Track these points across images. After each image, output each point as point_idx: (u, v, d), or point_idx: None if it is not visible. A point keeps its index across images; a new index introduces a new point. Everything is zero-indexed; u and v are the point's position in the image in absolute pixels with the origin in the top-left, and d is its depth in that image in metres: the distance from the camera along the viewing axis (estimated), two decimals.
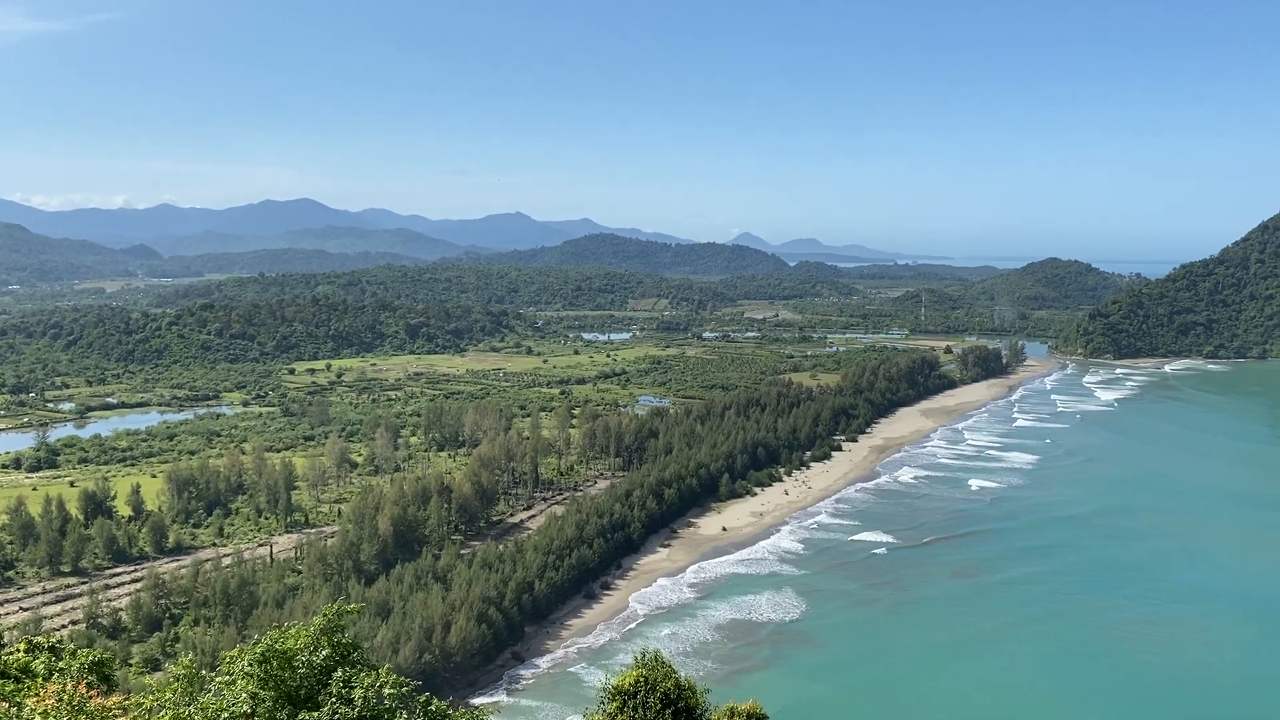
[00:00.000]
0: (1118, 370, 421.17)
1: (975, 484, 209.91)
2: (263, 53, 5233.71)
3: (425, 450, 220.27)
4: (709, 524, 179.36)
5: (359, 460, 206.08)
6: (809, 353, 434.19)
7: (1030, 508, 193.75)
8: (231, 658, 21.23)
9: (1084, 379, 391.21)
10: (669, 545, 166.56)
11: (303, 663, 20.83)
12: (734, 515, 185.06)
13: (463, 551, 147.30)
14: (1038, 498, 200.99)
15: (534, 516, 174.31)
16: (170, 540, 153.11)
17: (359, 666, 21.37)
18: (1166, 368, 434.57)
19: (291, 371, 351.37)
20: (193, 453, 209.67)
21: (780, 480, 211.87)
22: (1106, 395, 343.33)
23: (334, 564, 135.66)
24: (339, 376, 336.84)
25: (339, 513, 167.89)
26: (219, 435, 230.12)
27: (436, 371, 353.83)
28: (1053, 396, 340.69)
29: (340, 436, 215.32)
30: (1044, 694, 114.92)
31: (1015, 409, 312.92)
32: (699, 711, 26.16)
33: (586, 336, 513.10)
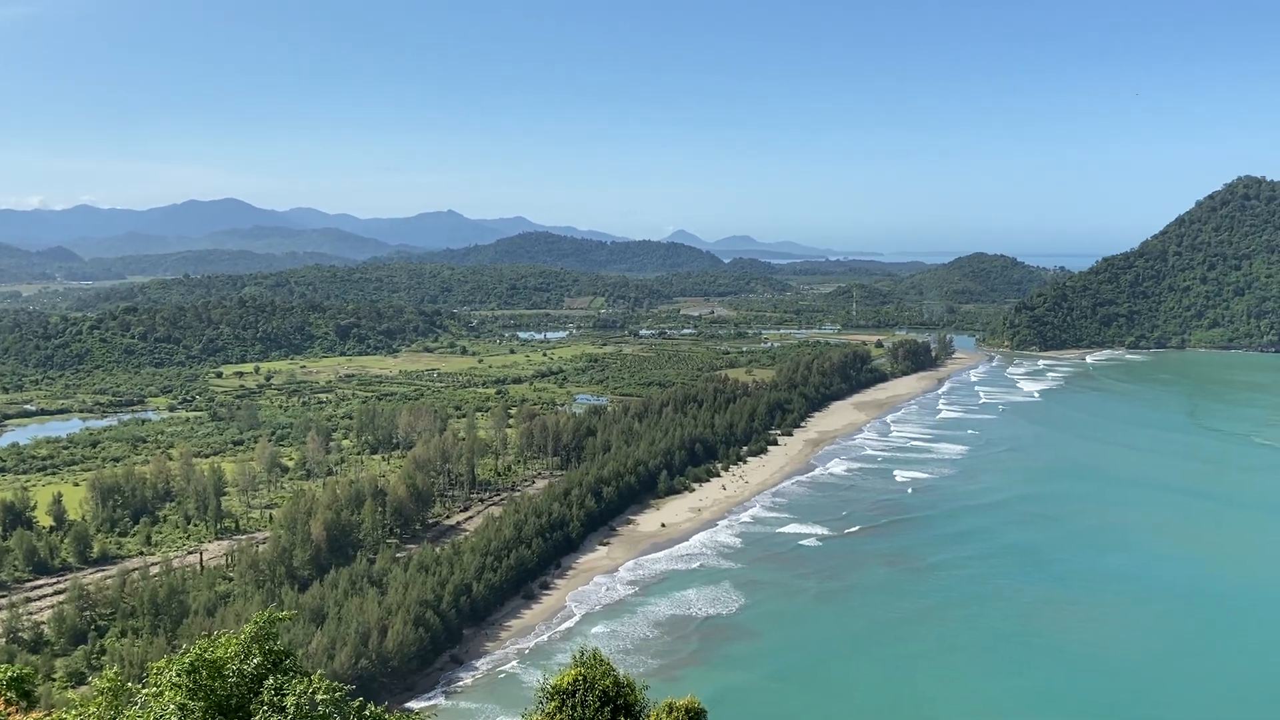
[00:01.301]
0: (1042, 362, 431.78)
1: (906, 475, 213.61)
2: (183, 47, 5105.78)
3: (358, 453, 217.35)
4: (648, 521, 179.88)
5: (290, 464, 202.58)
6: (745, 349, 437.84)
7: (958, 497, 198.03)
8: (159, 669, 20.72)
9: (1010, 371, 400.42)
10: (608, 543, 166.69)
11: (233, 671, 20.45)
12: (673, 511, 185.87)
13: (398, 555, 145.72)
14: (965, 487, 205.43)
15: (471, 518, 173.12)
16: (95, 550, 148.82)
17: (291, 674, 21.04)
18: (1088, 358, 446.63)
19: (219, 375, 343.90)
20: (117, 460, 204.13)
21: (718, 475, 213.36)
22: (1031, 387, 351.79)
23: (266, 570, 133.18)
24: (268, 379, 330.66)
25: (271, 518, 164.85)
26: (144, 441, 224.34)
27: (369, 373, 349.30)
28: (980, 389, 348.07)
29: (270, 440, 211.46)
30: (968, 672, 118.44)
31: (944, 401, 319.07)
32: (638, 708, 26.25)
33: (522, 335, 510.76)
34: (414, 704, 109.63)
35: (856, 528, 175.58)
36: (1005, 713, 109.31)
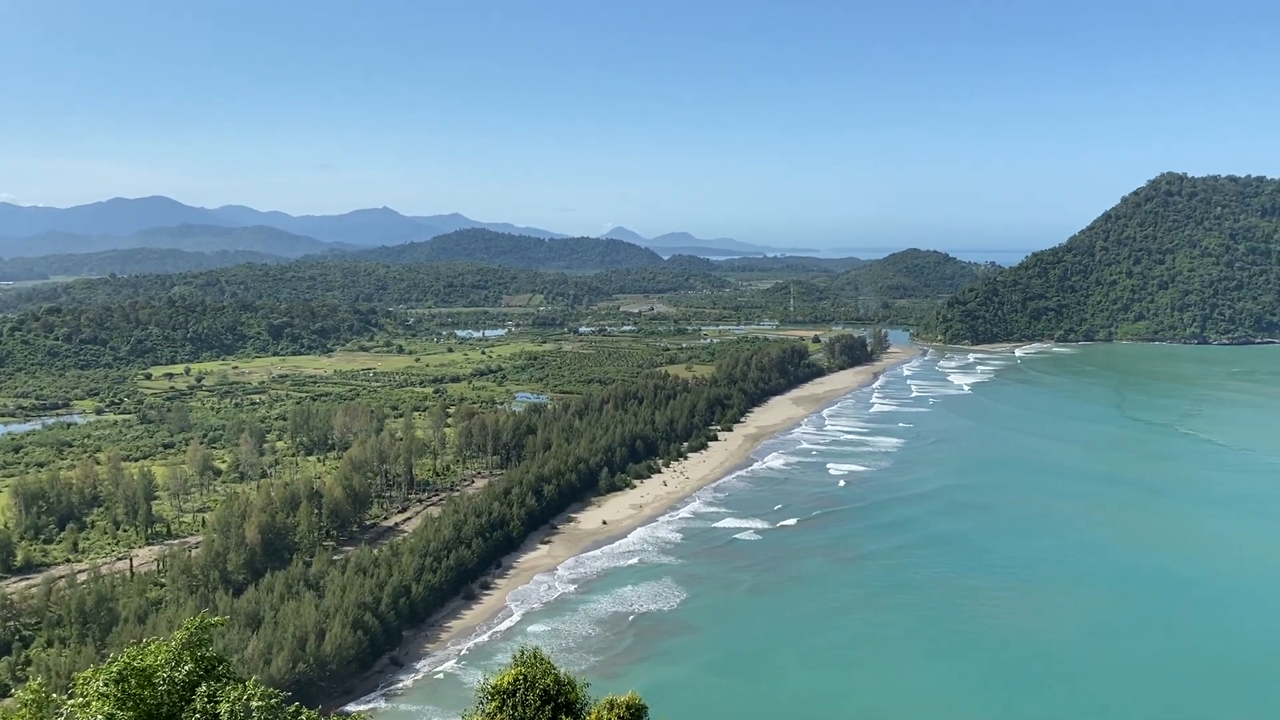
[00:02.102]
0: (973, 355, 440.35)
1: (842, 468, 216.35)
2: (105, 39, 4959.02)
3: (293, 455, 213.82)
4: (589, 518, 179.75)
5: (223, 467, 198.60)
6: (684, 345, 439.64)
7: (891, 488, 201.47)
8: (85, 678, 20.18)
9: (942, 365, 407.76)
10: (549, 541, 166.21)
11: (164, 679, 20.01)
12: (614, 508, 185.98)
13: (336, 557, 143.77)
14: (898, 479, 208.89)
15: (410, 519, 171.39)
16: (18, 558, 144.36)
17: (225, 680, 20.67)
18: (1017, 352, 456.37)
19: (148, 377, 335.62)
20: (41, 465, 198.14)
21: (659, 472, 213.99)
22: (963, 380, 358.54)
23: (200, 575, 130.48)
24: (199, 381, 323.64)
25: (203, 522, 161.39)
26: (70, 446, 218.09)
27: (303, 373, 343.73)
28: (914, 382, 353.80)
29: (202, 443, 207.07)
30: (900, 658, 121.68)
31: (879, 395, 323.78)
32: (579, 706, 26.21)
33: (460, 334, 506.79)
34: (352, 707, 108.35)
35: (794, 521, 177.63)
36: (937, 696, 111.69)
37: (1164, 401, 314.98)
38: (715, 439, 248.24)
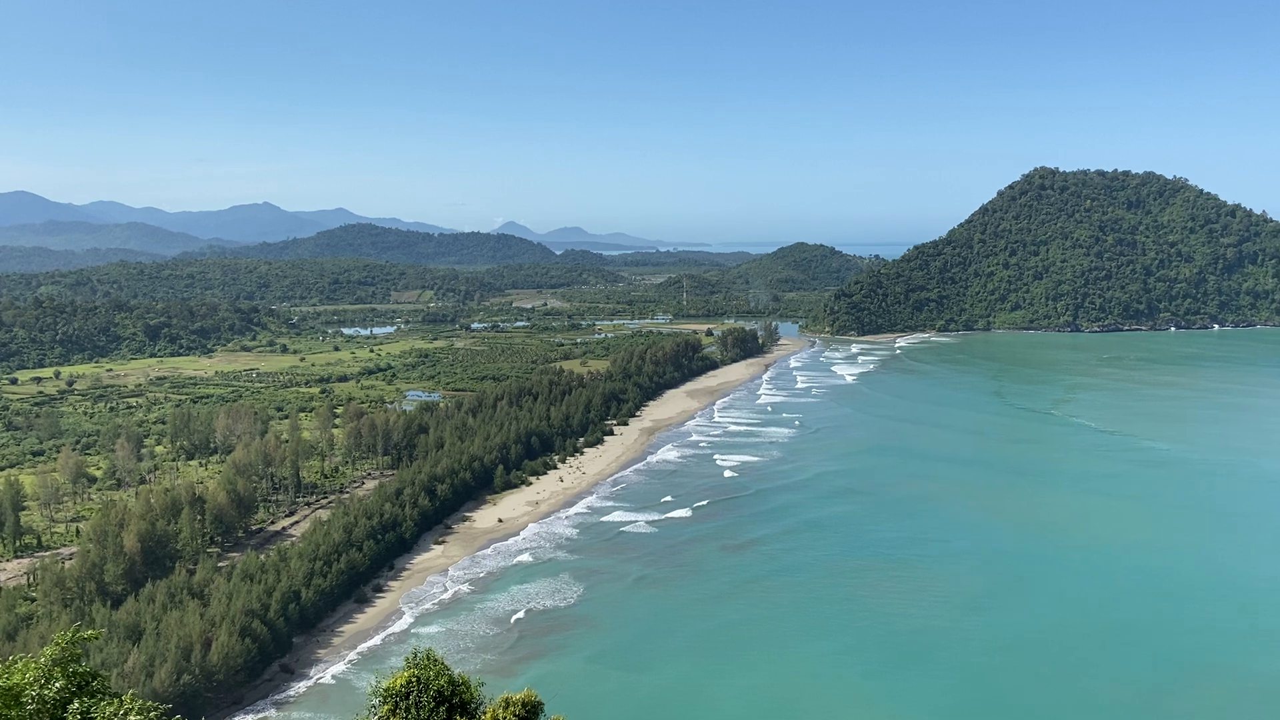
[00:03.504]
0: (860, 346, 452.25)
1: (735, 459, 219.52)
2: None
3: (173, 459, 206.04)
4: (485, 517, 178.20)
5: (98, 474, 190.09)
6: (579, 340, 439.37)
7: (781, 477, 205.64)
8: None
9: (830, 355, 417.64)
10: (444, 541, 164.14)
11: (32, 698, 19.04)
12: (510, 506, 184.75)
13: (221, 564, 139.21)
14: (788, 468, 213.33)
15: (298, 523, 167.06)
16: None
17: (99, 696, 19.79)
18: (898, 343, 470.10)
19: (13, 381, 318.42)
20: None
21: (555, 468, 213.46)
22: (849, 370, 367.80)
23: (74, 588, 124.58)
24: (70, 384, 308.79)
25: (78, 532, 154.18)
26: None
27: (182, 375, 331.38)
28: (803, 374, 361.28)
29: (74, 449, 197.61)
30: (787, 635, 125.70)
31: (771, 387, 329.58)
32: (473, 706, 25.91)
33: (347, 332, 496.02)
34: (242, 717, 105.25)
35: (689, 511, 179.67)
36: (821, 672, 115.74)
37: (1039, 388, 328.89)
38: (611, 433, 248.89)
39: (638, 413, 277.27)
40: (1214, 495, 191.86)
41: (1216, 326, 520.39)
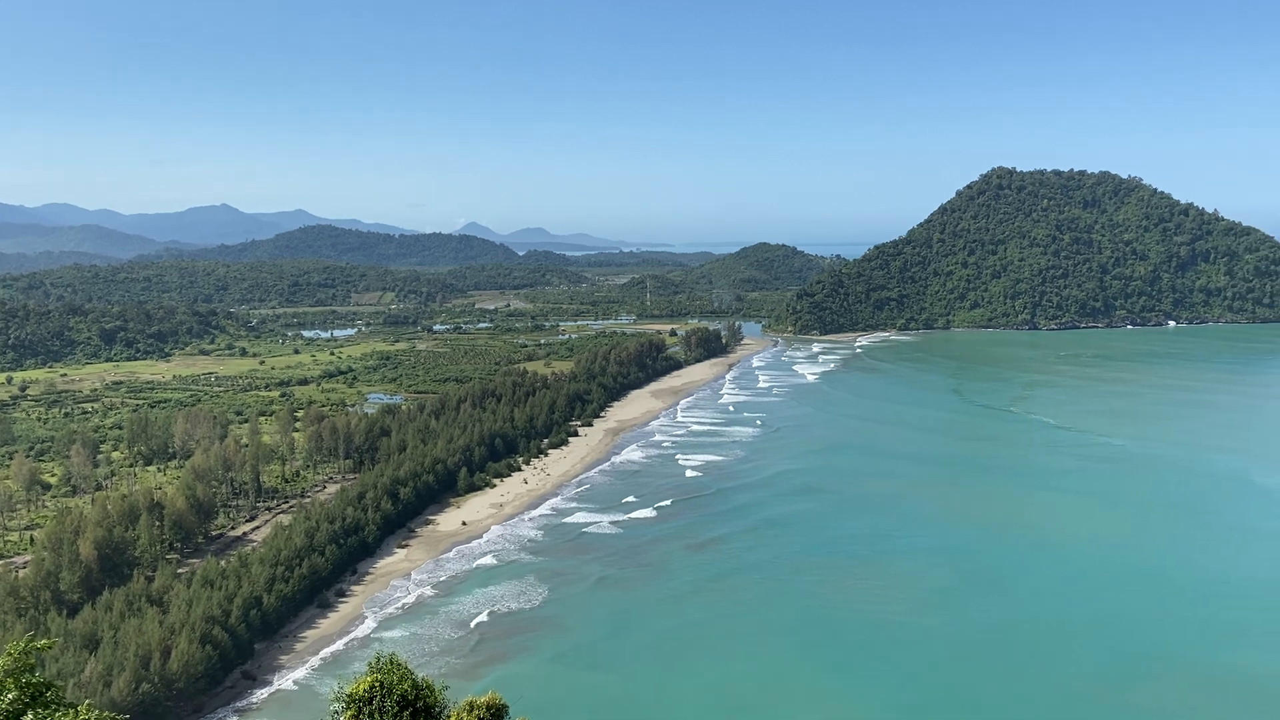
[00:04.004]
0: (822, 345, 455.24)
1: (700, 458, 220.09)
2: None
3: (130, 465, 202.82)
4: (448, 520, 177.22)
5: (53, 481, 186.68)
6: (542, 341, 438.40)
7: (745, 475, 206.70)
8: None
9: (792, 354, 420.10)
10: (407, 545, 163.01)
11: None
12: (474, 509, 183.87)
13: (180, 571, 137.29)
14: (751, 467, 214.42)
15: (259, 528, 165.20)
16: None
17: (54, 706, 19.45)
18: (858, 342, 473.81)
19: None
20: None
21: (519, 470, 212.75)
22: (812, 369, 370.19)
23: (29, 597, 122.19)
24: (23, 390, 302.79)
25: (32, 540, 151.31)
26: None
27: (139, 379, 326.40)
28: (767, 373, 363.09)
29: (28, 456, 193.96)
30: (748, 631, 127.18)
31: (735, 386, 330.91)
32: (438, 710, 25.76)
33: (307, 334, 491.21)
34: None
35: (653, 512, 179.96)
36: (782, 667, 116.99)
37: (997, 386, 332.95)
38: (576, 434, 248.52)
39: (602, 413, 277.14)
40: (1169, 490, 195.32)
41: (1171, 324, 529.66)
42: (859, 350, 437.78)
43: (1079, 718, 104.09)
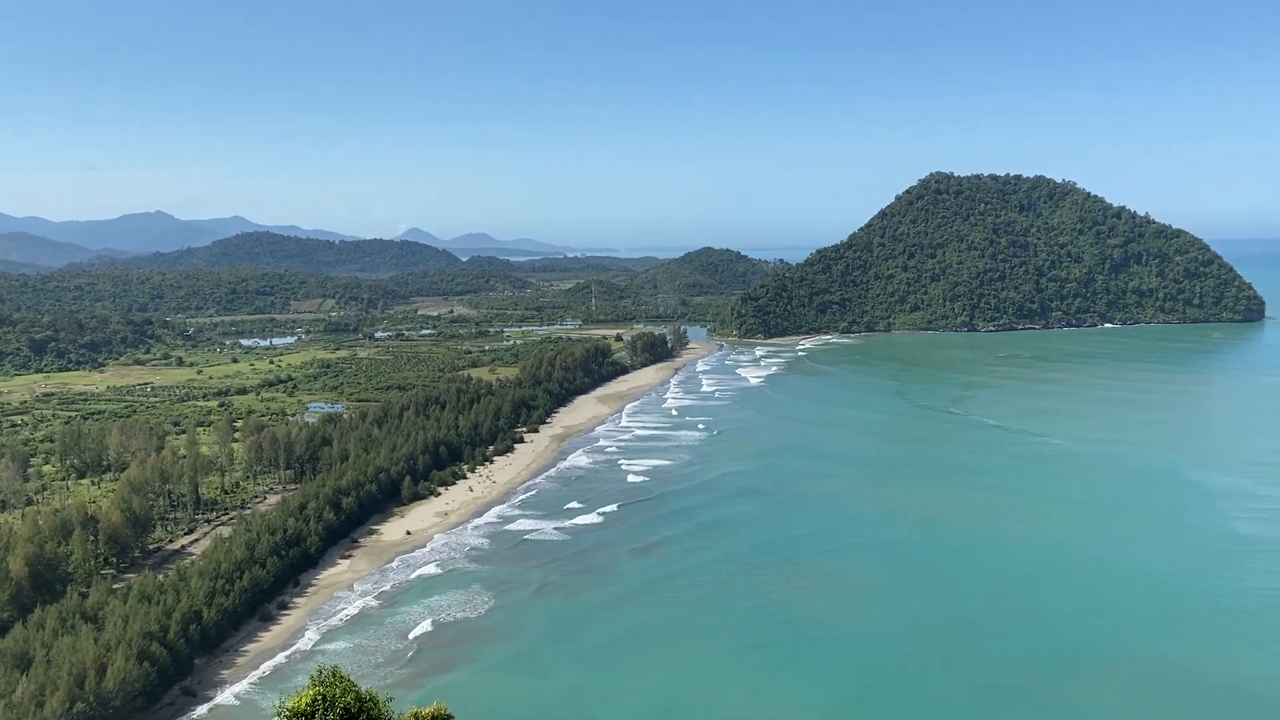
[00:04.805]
0: (766, 349, 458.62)
1: (646, 463, 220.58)
2: None
3: (63, 479, 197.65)
4: (392, 529, 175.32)
5: None
6: (487, 347, 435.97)
7: (689, 479, 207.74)
8: None
9: (738, 359, 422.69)
10: (351, 555, 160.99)
11: None
12: (418, 517, 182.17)
13: (116, 586, 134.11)
14: (696, 471, 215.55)
15: (198, 540, 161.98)
16: None
17: None
18: (804, 344, 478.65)
19: None
20: None
21: (465, 477, 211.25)
22: (756, 373, 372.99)
23: None
24: None
25: None
26: None
27: (71, 390, 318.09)
28: (712, 377, 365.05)
29: None
30: (691, 633, 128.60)
31: (681, 390, 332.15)
32: None
33: (246, 343, 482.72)
34: None
35: (599, 517, 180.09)
36: (722, 662, 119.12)
37: (937, 387, 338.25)
38: (522, 441, 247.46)
39: (548, 419, 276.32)
40: (1102, 487, 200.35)
41: (1105, 324, 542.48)
42: (802, 354, 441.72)
43: (1012, 708, 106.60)
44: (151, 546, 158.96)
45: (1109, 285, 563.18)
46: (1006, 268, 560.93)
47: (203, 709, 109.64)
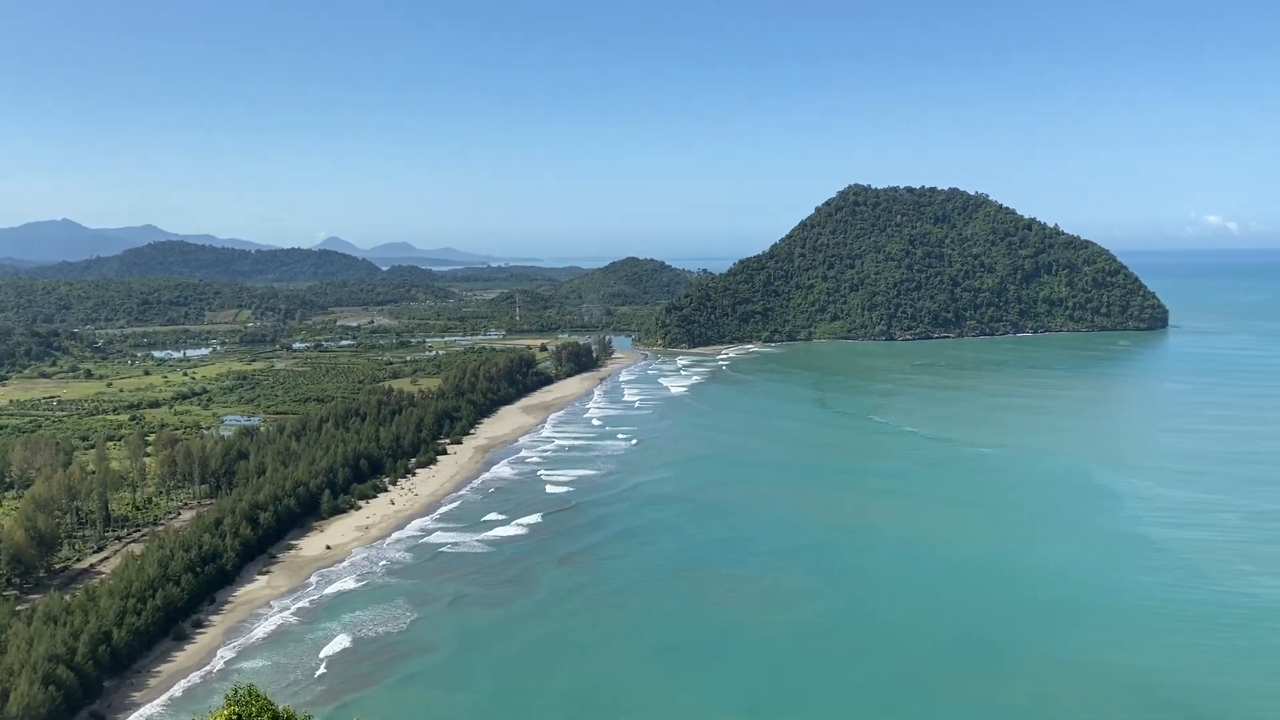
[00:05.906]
0: (690, 358, 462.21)
1: (571, 473, 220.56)
2: None
3: None
4: (312, 544, 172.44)
5: None
6: (409, 358, 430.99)
7: (612, 488, 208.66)
8: None
9: (662, 369, 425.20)
10: (269, 571, 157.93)
11: None
12: (338, 532, 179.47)
13: (20, 607, 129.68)
14: (619, 480, 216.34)
15: (107, 559, 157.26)
16: None
17: None
18: (727, 352, 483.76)
19: None
20: None
21: (386, 490, 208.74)
22: (680, 383, 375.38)
23: None
24: None
25: None
26: None
27: None
28: (638, 386, 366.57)
29: None
30: (610, 639, 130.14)
31: (606, 400, 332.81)
32: None
33: (158, 355, 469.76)
34: None
35: (523, 529, 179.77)
36: (638, 667, 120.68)
37: (856, 396, 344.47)
38: (445, 453, 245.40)
39: (472, 430, 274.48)
40: (1013, 490, 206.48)
41: (1018, 333, 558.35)
42: (724, 363, 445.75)
43: (921, 705, 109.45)
44: (58, 566, 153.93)
45: (1020, 295, 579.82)
46: (922, 278, 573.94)
47: None
